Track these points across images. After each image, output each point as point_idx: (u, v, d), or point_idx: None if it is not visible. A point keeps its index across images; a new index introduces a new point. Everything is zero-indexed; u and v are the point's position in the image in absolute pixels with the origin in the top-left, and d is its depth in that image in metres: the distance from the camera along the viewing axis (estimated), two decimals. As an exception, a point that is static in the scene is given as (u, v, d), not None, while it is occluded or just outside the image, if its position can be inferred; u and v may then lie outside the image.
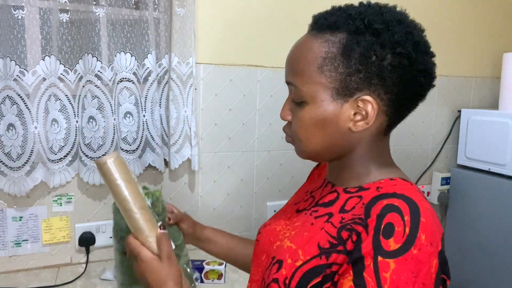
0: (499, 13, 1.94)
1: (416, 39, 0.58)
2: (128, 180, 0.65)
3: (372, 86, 0.58)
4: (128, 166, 1.30)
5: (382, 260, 0.51)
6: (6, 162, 1.17)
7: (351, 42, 0.57)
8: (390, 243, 0.51)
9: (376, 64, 0.57)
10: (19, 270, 1.28)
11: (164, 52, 1.35)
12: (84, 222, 1.33)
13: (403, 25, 0.58)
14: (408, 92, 0.60)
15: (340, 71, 0.58)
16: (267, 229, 0.76)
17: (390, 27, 0.57)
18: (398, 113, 0.62)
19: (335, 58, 0.58)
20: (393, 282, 0.50)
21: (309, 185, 0.80)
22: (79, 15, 1.21)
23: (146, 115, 1.32)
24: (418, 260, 0.50)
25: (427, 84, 0.61)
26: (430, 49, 0.61)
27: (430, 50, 0.61)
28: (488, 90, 1.97)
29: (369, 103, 0.58)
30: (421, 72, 0.59)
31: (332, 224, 0.61)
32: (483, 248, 1.73)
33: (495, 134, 1.66)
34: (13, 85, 1.14)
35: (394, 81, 0.57)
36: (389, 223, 0.52)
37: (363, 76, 0.57)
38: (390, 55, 0.57)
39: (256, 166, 1.55)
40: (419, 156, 1.86)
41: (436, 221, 0.55)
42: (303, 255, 0.60)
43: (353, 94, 0.58)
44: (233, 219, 1.54)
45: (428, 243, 0.51)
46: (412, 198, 0.54)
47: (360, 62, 0.57)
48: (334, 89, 0.59)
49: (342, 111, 0.59)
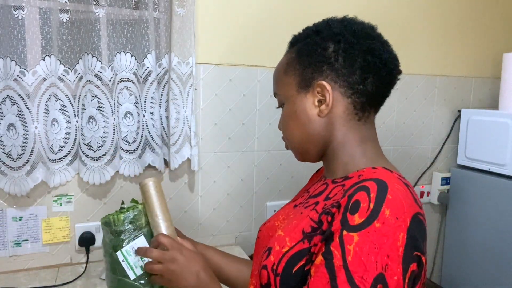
0: (499, 13, 1.94)
1: (354, 28, 0.68)
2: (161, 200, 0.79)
3: (324, 73, 0.68)
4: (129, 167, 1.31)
5: (346, 234, 0.54)
6: (7, 162, 1.17)
7: (302, 46, 0.71)
8: (355, 218, 0.55)
9: (322, 54, 0.68)
10: (19, 270, 1.28)
11: (164, 52, 1.35)
12: (84, 222, 1.33)
13: (342, 22, 0.70)
14: (360, 73, 0.67)
15: (297, 68, 0.70)
16: (266, 226, 0.80)
17: (330, 25, 0.69)
18: (360, 94, 0.68)
19: (293, 61, 0.72)
20: (356, 253, 0.53)
21: (308, 185, 0.85)
22: (79, 15, 1.21)
23: (146, 115, 1.32)
24: (381, 233, 0.53)
25: (377, 63, 0.67)
26: (374, 35, 0.69)
27: (373, 35, 0.69)
28: (488, 90, 1.97)
29: (324, 86, 0.67)
30: (366, 53, 0.66)
31: (316, 211, 0.65)
32: (483, 248, 1.73)
33: (495, 134, 1.66)
34: (13, 85, 1.14)
35: (341, 64, 0.67)
36: (356, 200, 0.56)
37: (315, 66, 0.68)
38: (331, 43, 0.67)
39: (256, 166, 1.55)
40: (419, 156, 1.86)
41: (408, 200, 0.57)
42: (290, 241, 0.64)
43: (311, 83, 0.69)
44: (233, 219, 1.54)
45: (392, 217, 0.54)
46: (385, 180, 0.58)
47: (309, 56, 0.69)
48: (297, 84, 0.71)
49: (307, 100, 0.70)
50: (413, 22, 1.74)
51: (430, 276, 2.01)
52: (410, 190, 0.60)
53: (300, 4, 1.51)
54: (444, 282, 1.97)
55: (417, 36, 1.76)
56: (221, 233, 1.53)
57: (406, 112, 1.79)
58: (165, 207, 0.79)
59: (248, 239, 1.57)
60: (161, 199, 0.79)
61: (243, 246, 1.54)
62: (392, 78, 0.71)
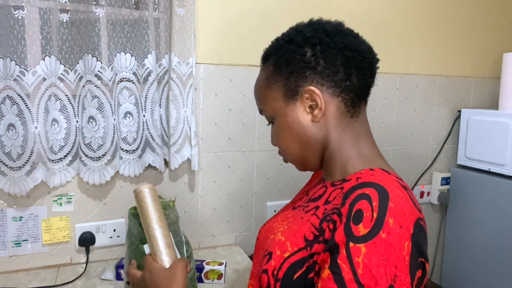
0: (499, 13, 1.94)
1: (326, 28, 0.68)
2: (157, 209, 0.76)
3: (308, 78, 0.67)
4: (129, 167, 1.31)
5: (353, 245, 0.53)
6: (6, 162, 1.17)
7: (278, 57, 0.70)
8: (359, 228, 0.54)
9: (301, 60, 0.67)
10: (19, 270, 1.28)
11: (164, 52, 1.35)
12: (84, 222, 1.33)
13: (312, 25, 0.70)
14: (342, 70, 0.67)
15: (279, 80, 0.69)
16: (265, 227, 0.80)
17: (301, 31, 0.69)
18: (348, 91, 0.68)
19: (273, 73, 0.70)
20: (366, 266, 0.52)
21: (308, 185, 0.85)
22: (79, 15, 1.21)
23: (146, 115, 1.32)
24: (388, 244, 0.52)
25: (356, 56, 0.67)
26: (346, 31, 0.70)
27: (347, 31, 0.69)
28: (488, 90, 1.97)
29: (313, 91, 0.66)
30: (343, 48, 0.66)
31: (316, 216, 0.64)
32: (483, 248, 1.74)
33: (495, 134, 1.66)
34: (13, 85, 1.14)
35: (323, 65, 0.66)
36: (358, 209, 0.55)
37: (297, 74, 0.67)
38: (308, 48, 0.67)
39: (256, 166, 1.55)
40: (419, 156, 1.86)
41: (408, 206, 0.56)
42: (291, 246, 0.63)
43: (297, 92, 0.68)
44: (233, 219, 1.54)
45: (396, 226, 0.53)
46: (384, 186, 0.57)
47: (289, 65, 0.68)
48: (283, 95, 0.69)
49: (297, 109, 0.69)
50: (413, 22, 1.74)
51: (430, 276, 2.01)
52: (409, 194, 0.59)
53: (300, 4, 1.51)
54: (444, 282, 1.97)
55: (417, 36, 1.76)
56: (221, 233, 1.53)
57: (406, 112, 1.79)
58: (162, 216, 0.77)
59: (248, 239, 1.57)
60: (158, 207, 0.77)
61: (243, 246, 1.54)
62: (372, 67, 0.70)
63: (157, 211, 0.76)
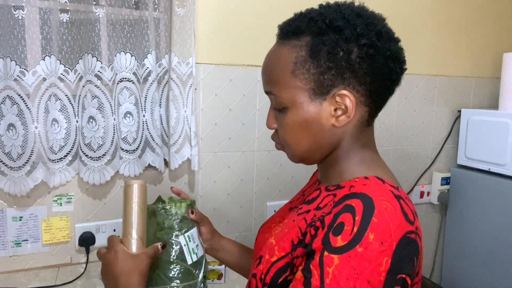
0: (499, 13, 1.94)
1: (378, 28, 0.61)
2: (141, 208, 0.74)
3: (345, 80, 0.60)
4: (129, 167, 1.31)
5: (327, 255, 0.53)
6: (7, 162, 1.17)
7: (316, 43, 0.60)
8: (337, 240, 0.53)
9: (344, 59, 0.59)
10: (19, 270, 1.28)
11: (164, 52, 1.35)
12: (84, 222, 1.33)
13: (362, 17, 0.61)
14: (381, 80, 0.62)
15: (312, 72, 0.60)
16: (264, 227, 0.80)
17: (350, 22, 0.60)
18: (376, 102, 0.64)
19: (305, 61, 0.61)
20: (334, 277, 0.51)
21: (307, 185, 0.83)
22: (79, 15, 1.21)
23: (146, 115, 1.32)
24: (363, 258, 0.52)
25: (397, 69, 0.63)
26: (394, 36, 0.65)
27: (395, 37, 0.64)
28: (488, 90, 1.97)
29: (346, 96, 0.60)
30: (389, 58, 0.61)
31: (305, 220, 0.63)
32: (483, 248, 1.73)
33: (495, 134, 1.66)
34: (13, 85, 1.14)
35: (365, 71, 0.60)
36: (341, 222, 0.54)
37: (335, 72, 0.60)
38: (356, 48, 0.59)
39: (256, 166, 1.55)
40: (419, 156, 1.86)
41: (395, 221, 0.54)
42: (278, 251, 0.63)
43: (329, 91, 0.61)
44: (233, 219, 1.54)
45: (377, 242, 0.52)
46: (373, 198, 0.55)
47: (329, 60, 0.59)
48: (310, 90, 0.61)
49: (323, 109, 0.62)
50: (413, 22, 1.74)
51: (430, 276, 2.01)
52: (401, 206, 0.56)
53: (300, 4, 1.51)
54: (444, 282, 1.97)
55: (417, 36, 1.76)
56: (221, 233, 1.53)
57: (406, 112, 1.79)
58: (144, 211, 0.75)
59: (248, 239, 1.57)
60: (143, 201, 0.75)
61: (243, 246, 1.54)
62: (401, 79, 0.66)
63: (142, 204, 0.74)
